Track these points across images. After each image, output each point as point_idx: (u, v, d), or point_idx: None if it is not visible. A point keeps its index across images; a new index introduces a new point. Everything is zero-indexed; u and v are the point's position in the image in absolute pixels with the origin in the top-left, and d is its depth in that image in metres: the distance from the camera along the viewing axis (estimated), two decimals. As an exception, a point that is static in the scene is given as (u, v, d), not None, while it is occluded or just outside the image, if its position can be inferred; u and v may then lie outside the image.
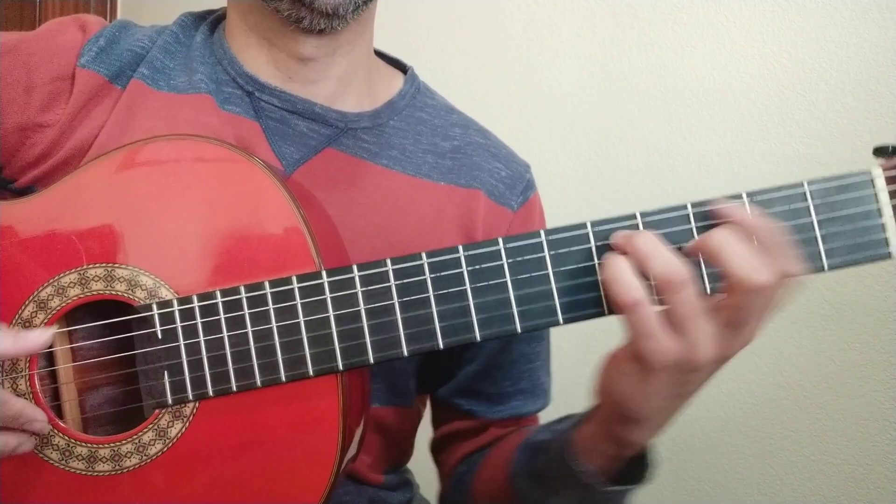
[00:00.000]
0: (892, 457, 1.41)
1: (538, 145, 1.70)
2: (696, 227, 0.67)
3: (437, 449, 1.06)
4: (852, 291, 1.37)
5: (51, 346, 0.72)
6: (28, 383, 0.71)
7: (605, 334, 0.75)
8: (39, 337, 0.69)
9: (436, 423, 1.06)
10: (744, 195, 0.67)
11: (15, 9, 2.24)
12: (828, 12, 1.49)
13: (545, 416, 1.01)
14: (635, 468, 0.75)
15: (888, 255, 0.68)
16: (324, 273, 0.68)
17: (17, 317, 0.72)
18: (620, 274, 0.65)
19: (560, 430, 0.81)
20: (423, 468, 1.09)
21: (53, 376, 0.73)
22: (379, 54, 1.01)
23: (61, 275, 0.72)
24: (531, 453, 0.86)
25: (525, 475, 0.85)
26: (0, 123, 0.85)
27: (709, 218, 0.67)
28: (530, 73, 1.77)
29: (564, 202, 1.63)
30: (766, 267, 0.63)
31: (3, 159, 0.86)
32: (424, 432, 1.05)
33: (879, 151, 0.70)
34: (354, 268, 0.68)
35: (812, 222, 0.68)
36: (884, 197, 0.68)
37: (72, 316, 0.73)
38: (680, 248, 0.66)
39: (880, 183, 0.68)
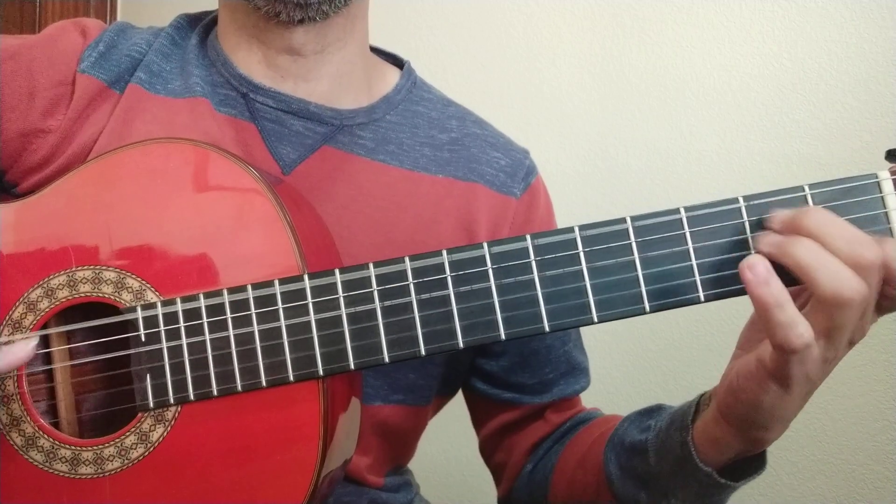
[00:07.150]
0: (892, 457, 1.41)
1: (538, 145, 1.68)
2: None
3: (490, 449, 1.02)
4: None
5: (47, 347, 0.73)
6: (16, 384, 0.71)
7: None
8: (21, 350, 0.68)
9: (478, 421, 1.03)
10: (740, 199, 0.65)
11: (15, 9, 2.24)
12: (828, 12, 1.48)
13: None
14: (744, 461, 0.72)
15: None
16: (306, 277, 0.68)
17: (7, 318, 0.72)
18: (793, 317, 0.59)
19: (659, 428, 0.78)
20: (423, 468, 1.08)
21: (49, 376, 0.73)
22: (375, 50, 1.01)
23: (50, 276, 0.72)
24: (627, 455, 0.81)
25: (627, 478, 0.81)
26: (2, 129, 0.85)
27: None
28: (530, 73, 1.77)
29: (564, 202, 1.62)
30: (871, 242, 0.60)
31: (5, 164, 0.86)
32: (426, 432, 1.03)
33: (892, 155, 0.66)
34: (336, 272, 0.68)
35: None
36: (891, 201, 0.64)
37: (70, 317, 0.73)
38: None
39: (887, 186, 0.64)
